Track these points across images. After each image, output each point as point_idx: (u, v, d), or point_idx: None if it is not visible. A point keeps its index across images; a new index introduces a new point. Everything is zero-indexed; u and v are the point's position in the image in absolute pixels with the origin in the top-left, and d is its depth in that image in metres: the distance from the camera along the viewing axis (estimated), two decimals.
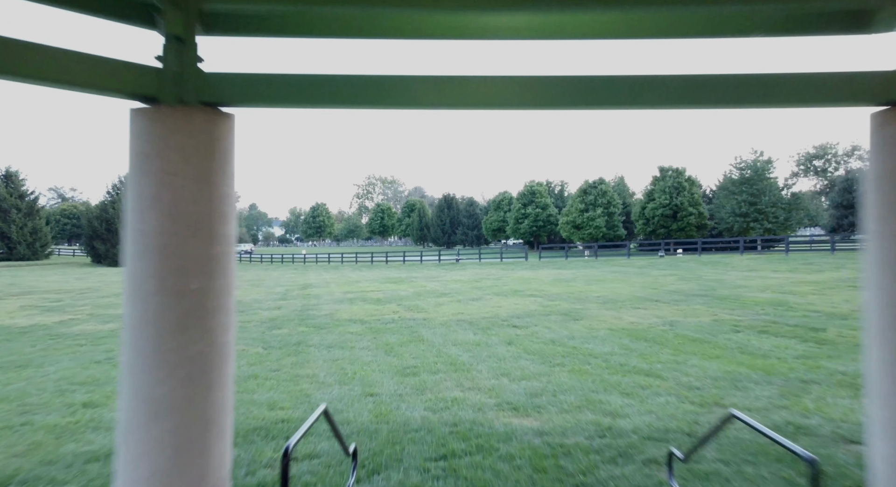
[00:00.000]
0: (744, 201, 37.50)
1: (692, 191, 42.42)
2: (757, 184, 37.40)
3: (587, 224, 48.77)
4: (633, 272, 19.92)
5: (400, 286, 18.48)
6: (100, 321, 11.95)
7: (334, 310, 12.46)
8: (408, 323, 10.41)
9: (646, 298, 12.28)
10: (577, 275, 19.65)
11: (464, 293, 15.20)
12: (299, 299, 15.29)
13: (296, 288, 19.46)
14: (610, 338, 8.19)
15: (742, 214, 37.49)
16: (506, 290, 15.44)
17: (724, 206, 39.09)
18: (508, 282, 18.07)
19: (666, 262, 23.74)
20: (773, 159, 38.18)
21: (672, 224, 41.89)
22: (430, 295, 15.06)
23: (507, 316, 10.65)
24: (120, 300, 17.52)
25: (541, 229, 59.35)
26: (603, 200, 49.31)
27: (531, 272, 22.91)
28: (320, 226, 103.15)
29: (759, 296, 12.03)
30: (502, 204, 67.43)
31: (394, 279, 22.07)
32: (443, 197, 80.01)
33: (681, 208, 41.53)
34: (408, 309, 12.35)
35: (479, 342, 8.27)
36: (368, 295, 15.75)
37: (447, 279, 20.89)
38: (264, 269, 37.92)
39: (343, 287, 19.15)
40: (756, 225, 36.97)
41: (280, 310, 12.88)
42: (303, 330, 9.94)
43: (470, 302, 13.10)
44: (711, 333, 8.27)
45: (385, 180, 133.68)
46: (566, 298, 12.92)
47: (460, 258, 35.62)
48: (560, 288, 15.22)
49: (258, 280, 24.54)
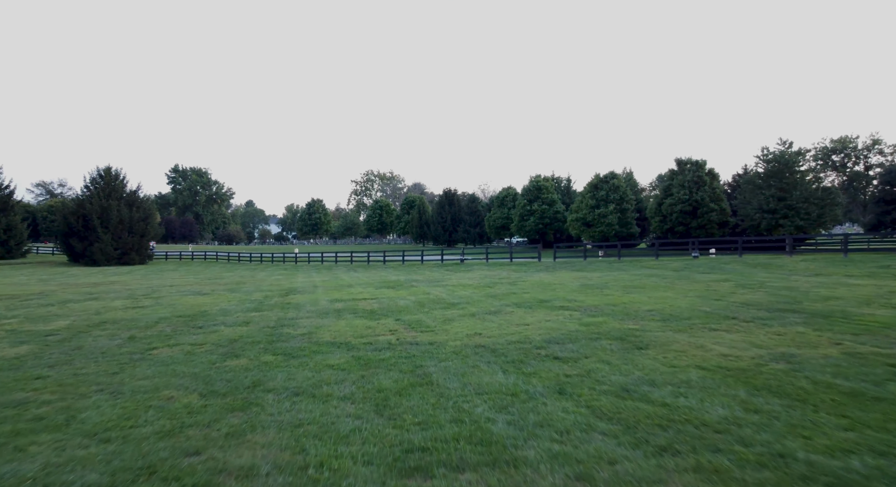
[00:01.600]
0: (772, 196, 34.68)
1: (713, 186, 39.61)
2: (786, 178, 34.60)
3: (598, 221, 45.94)
4: (673, 276, 17.11)
5: (398, 292, 15.73)
6: (13, 342, 9.21)
7: (315, 327, 9.72)
8: (409, 349, 7.66)
9: (716, 314, 9.52)
10: (606, 280, 16.87)
11: (476, 302, 12.45)
12: (276, 309, 12.55)
13: (277, 293, 16.71)
14: (710, 386, 5.38)
15: (770, 210, 34.69)
16: (528, 299, 12.67)
17: (750, 202, 36.26)
18: (527, 288, 15.29)
19: (705, 264, 20.86)
20: (803, 150, 35.34)
21: (692, 221, 39.10)
22: (435, 305, 12.33)
23: (542, 341, 7.89)
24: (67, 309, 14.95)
25: (547, 226, 56.54)
26: (615, 196, 46.46)
27: (550, 275, 20.13)
28: (316, 223, 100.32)
29: (874, 314, 9.03)
30: (506, 200, 64.59)
31: (392, 283, 19.33)
32: (443, 192, 77.08)
33: (701, 204, 38.71)
34: (408, 326, 9.61)
35: (516, 390, 5.50)
36: (360, 304, 13.01)
37: (453, 283, 18.14)
38: (251, 270, 35.14)
39: (332, 292, 16.40)
40: (786, 222, 34.19)
41: (248, 326, 10.13)
42: (267, 361, 7.19)
43: (486, 316, 10.35)
44: (865, 378, 5.49)
45: (384, 176, 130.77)
46: (610, 312, 10.17)
47: (465, 258, 32.83)
48: (595, 298, 12.44)
49: (238, 283, 21.78)
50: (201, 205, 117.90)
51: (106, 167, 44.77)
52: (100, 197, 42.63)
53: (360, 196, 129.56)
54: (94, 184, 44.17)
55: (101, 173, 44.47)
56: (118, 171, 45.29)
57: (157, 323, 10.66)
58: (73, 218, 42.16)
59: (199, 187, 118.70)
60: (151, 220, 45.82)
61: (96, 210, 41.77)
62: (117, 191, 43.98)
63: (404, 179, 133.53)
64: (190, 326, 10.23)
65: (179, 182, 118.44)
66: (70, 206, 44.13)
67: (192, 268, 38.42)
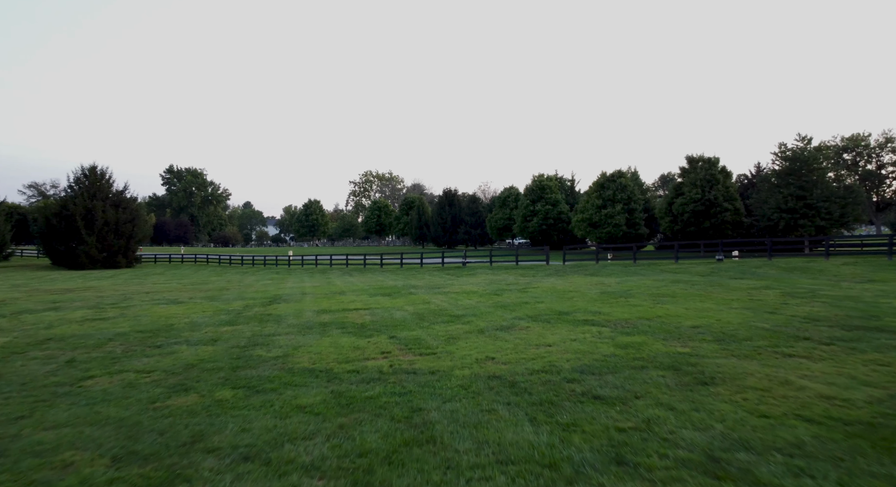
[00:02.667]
0: (790, 195, 32.95)
1: (726, 184, 37.88)
2: (806, 176, 32.89)
3: (605, 221, 44.12)
4: (701, 282, 15.31)
5: (395, 301, 13.98)
6: None
7: (293, 348, 7.98)
8: (404, 381, 5.90)
9: (781, 332, 7.72)
10: (628, 286, 15.07)
11: (484, 315, 10.69)
12: (254, 323, 10.81)
13: (260, 302, 14.96)
14: (837, 454, 3.51)
15: (789, 210, 32.96)
16: (543, 311, 10.90)
17: (767, 201, 34.53)
18: (540, 297, 13.51)
19: (732, 268, 18.99)
20: (823, 146, 33.55)
21: (704, 221, 37.35)
22: (436, 317, 10.58)
23: (573, 370, 6.10)
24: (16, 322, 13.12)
25: (551, 227, 54.75)
26: (622, 195, 44.66)
27: (562, 280, 18.34)
28: (313, 224, 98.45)
29: None
30: (508, 200, 62.78)
31: (388, 289, 17.58)
32: (443, 193, 75.31)
33: (714, 203, 36.96)
34: (405, 346, 7.87)
35: (554, 457, 3.70)
36: (350, 317, 11.27)
37: (456, 290, 16.37)
38: (240, 274, 33.36)
39: (321, 301, 14.65)
40: (806, 222, 32.48)
41: (214, 346, 8.39)
42: (222, 399, 5.43)
43: (498, 333, 8.61)
44: None
45: (382, 177, 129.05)
46: (646, 329, 8.41)
47: (467, 261, 31.04)
48: (622, 309, 10.66)
49: (220, 289, 20.02)
50: (196, 206, 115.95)
51: (91, 166, 42.81)
52: (84, 197, 40.70)
53: (359, 197, 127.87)
54: (79, 183, 42.11)
55: (86, 172, 42.51)
56: (104, 170, 43.36)
57: (109, 341, 9.00)
58: (56, 219, 40.26)
59: (195, 188, 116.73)
60: (139, 222, 43.94)
61: (80, 211, 39.87)
62: (103, 191, 42.07)
63: (403, 180, 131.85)
64: (146, 345, 8.58)
65: (174, 183, 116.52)
66: (53, 207, 42.18)
67: (179, 272, 36.66)
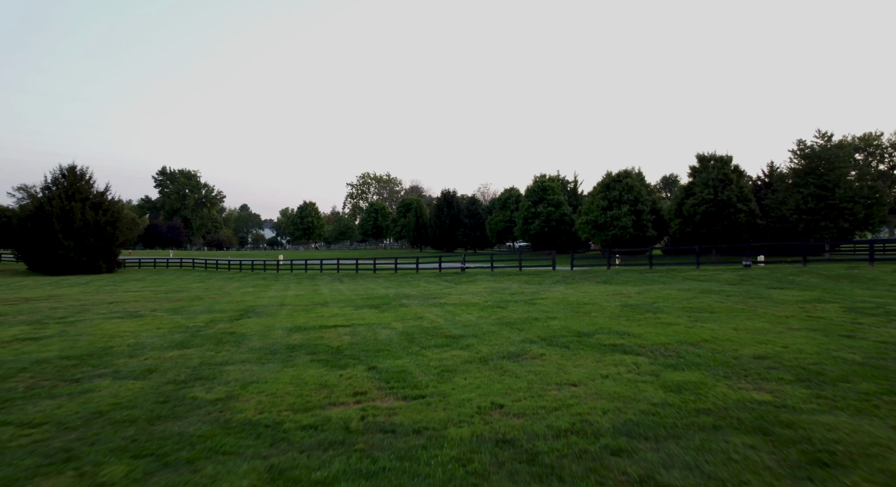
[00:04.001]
0: (810, 195, 30.84)
1: (740, 184, 35.78)
2: (827, 175, 30.81)
3: (611, 224, 41.90)
4: (736, 293, 13.11)
5: (383, 315, 11.78)
6: None
7: (241, 385, 5.80)
8: (377, 447, 3.66)
9: (884, 368, 5.57)
10: (651, 297, 12.83)
11: (487, 336, 8.51)
12: (208, 345, 8.65)
13: (228, 316, 12.76)
14: None
15: (809, 211, 30.85)
16: (558, 330, 8.67)
17: (786, 202, 32.40)
18: (552, 310, 11.29)
19: (765, 275, 16.60)
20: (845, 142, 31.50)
21: (717, 223, 35.21)
22: (429, 338, 8.41)
23: (615, 430, 3.83)
24: None
25: (554, 230, 52.58)
26: (629, 196, 42.46)
27: (572, 289, 16.14)
28: (308, 227, 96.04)
29: None
30: (509, 202, 60.56)
31: (377, 299, 15.40)
32: (441, 194, 73.08)
33: (728, 204, 34.83)
34: (384, 384, 5.69)
35: None
36: (327, 336, 9.11)
37: (454, 301, 14.16)
38: (225, 280, 31.11)
39: (298, 315, 12.45)
40: (828, 223, 30.38)
41: (144, 380, 6.22)
42: (106, 482, 3.30)
43: (505, 364, 6.43)
44: None
45: (380, 178, 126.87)
46: (695, 360, 6.14)
47: (466, 266, 28.84)
48: (654, 329, 8.38)
49: (193, 299, 17.82)
50: (190, 208, 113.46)
51: (70, 165, 40.48)
52: (61, 198, 38.34)
53: (356, 199, 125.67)
54: (56, 184, 39.79)
55: (64, 172, 40.16)
56: (84, 170, 41.02)
57: (20, 372, 7.05)
58: (31, 222, 37.92)
59: (188, 190, 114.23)
60: (122, 224, 41.67)
61: (57, 213, 37.59)
62: (82, 192, 39.70)
63: (401, 182, 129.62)
64: (62, 379, 6.58)
65: (167, 185, 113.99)
66: (28, 209, 39.83)
67: (161, 278, 34.43)
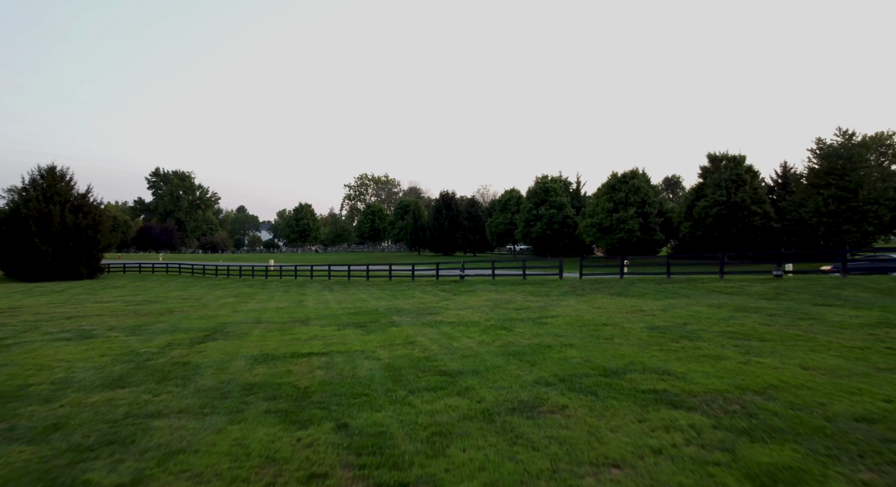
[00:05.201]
0: (831, 197, 29.02)
1: (754, 185, 33.95)
2: (849, 175, 29.00)
3: (617, 227, 40.00)
4: (779, 311, 11.17)
5: (368, 338, 9.84)
6: None
7: (159, 460, 3.85)
8: None
9: None
10: (681, 317, 10.85)
11: (491, 372, 6.55)
12: (150, 382, 6.73)
13: (191, 338, 10.83)
14: None
15: (830, 213, 29.01)
16: (578, 366, 6.63)
17: (804, 204, 30.57)
18: (566, 334, 9.32)
19: (803, 288, 14.58)
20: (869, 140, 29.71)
21: (731, 226, 33.38)
22: (419, 375, 6.46)
23: None
24: None
25: (556, 233, 50.73)
26: (635, 198, 40.55)
27: (585, 303, 14.20)
28: (304, 229, 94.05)
29: None
30: (509, 204, 58.67)
31: (365, 314, 13.48)
32: (440, 196, 71.18)
33: (742, 206, 33.00)
34: (355, 458, 3.70)
35: None
36: (296, 370, 7.18)
37: (451, 318, 12.22)
38: (208, 288, 29.22)
39: (270, 337, 10.52)
40: (850, 227, 28.55)
41: (38, 447, 4.26)
42: None
43: (516, 423, 4.41)
44: None
45: (378, 180, 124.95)
46: (775, 423, 4.10)
47: (466, 273, 26.98)
48: (702, 367, 6.30)
49: (163, 312, 15.92)
50: (184, 210, 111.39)
51: (49, 166, 38.59)
52: (39, 201, 36.44)
53: (354, 201, 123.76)
54: (34, 186, 37.85)
55: (43, 173, 38.27)
56: (64, 171, 39.09)
57: None
58: (7, 225, 35.99)
59: (182, 192, 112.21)
60: (103, 228, 39.75)
61: (34, 216, 35.69)
62: (62, 195, 37.78)
63: (400, 183, 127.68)
64: None
65: (160, 186, 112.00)
66: (4, 212, 37.89)
67: (142, 285, 32.56)
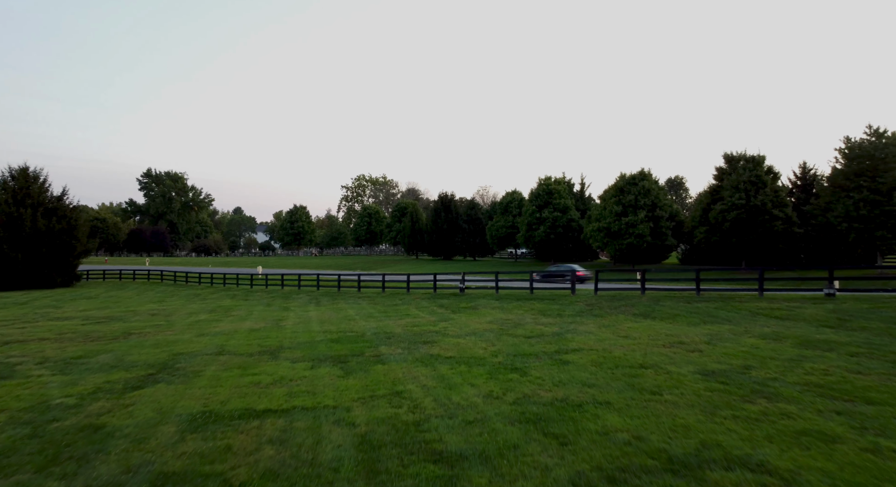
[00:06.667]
0: (862, 200, 26.85)
1: (774, 188, 31.74)
2: (881, 177, 26.82)
3: (626, 231, 37.73)
4: (857, 345, 8.50)
5: (347, 383, 7.36)
6: None
7: None
8: None
9: None
10: (734, 354, 8.49)
11: (504, 459, 3.90)
12: (28, 469, 4.43)
13: (128, 379, 8.36)
14: None
15: (861, 218, 26.81)
16: (628, 449, 3.99)
17: (833, 208, 28.35)
18: (595, 381, 6.76)
19: (868, 312, 12.25)
20: None
21: (750, 232, 31.15)
22: (405, 463, 4.01)
23: None
24: None
25: (560, 237, 48.40)
26: (646, 200, 38.27)
27: (609, 330, 11.80)
28: (299, 232, 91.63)
29: None
30: (511, 206, 56.29)
31: (350, 341, 11.11)
32: (439, 198, 68.80)
33: (762, 210, 30.78)
34: None
35: None
36: (237, 444, 4.70)
37: (451, 351, 9.84)
38: (187, 299, 26.88)
39: (227, 379, 8.09)
40: (885, 233, 26.35)
41: None
42: None
43: None
44: None
45: (376, 181, 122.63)
46: None
47: (466, 285, 24.62)
48: (810, 460, 3.98)
49: (119, 335, 13.50)
50: (176, 212, 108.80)
51: (21, 166, 36.16)
52: (9, 204, 34.06)
53: (351, 202, 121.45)
54: (4, 187, 35.35)
55: (14, 174, 35.86)
56: (37, 172, 36.57)
57: None
58: None
59: (174, 193, 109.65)
60: (80, 233, 37.35)
61: (3, 220, 33.29)
62: (34, 197, 35.38)
63: (398, 184, 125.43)
64: None
65: (152, 188, 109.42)
66: None
67: (117, 295, 30.19)
